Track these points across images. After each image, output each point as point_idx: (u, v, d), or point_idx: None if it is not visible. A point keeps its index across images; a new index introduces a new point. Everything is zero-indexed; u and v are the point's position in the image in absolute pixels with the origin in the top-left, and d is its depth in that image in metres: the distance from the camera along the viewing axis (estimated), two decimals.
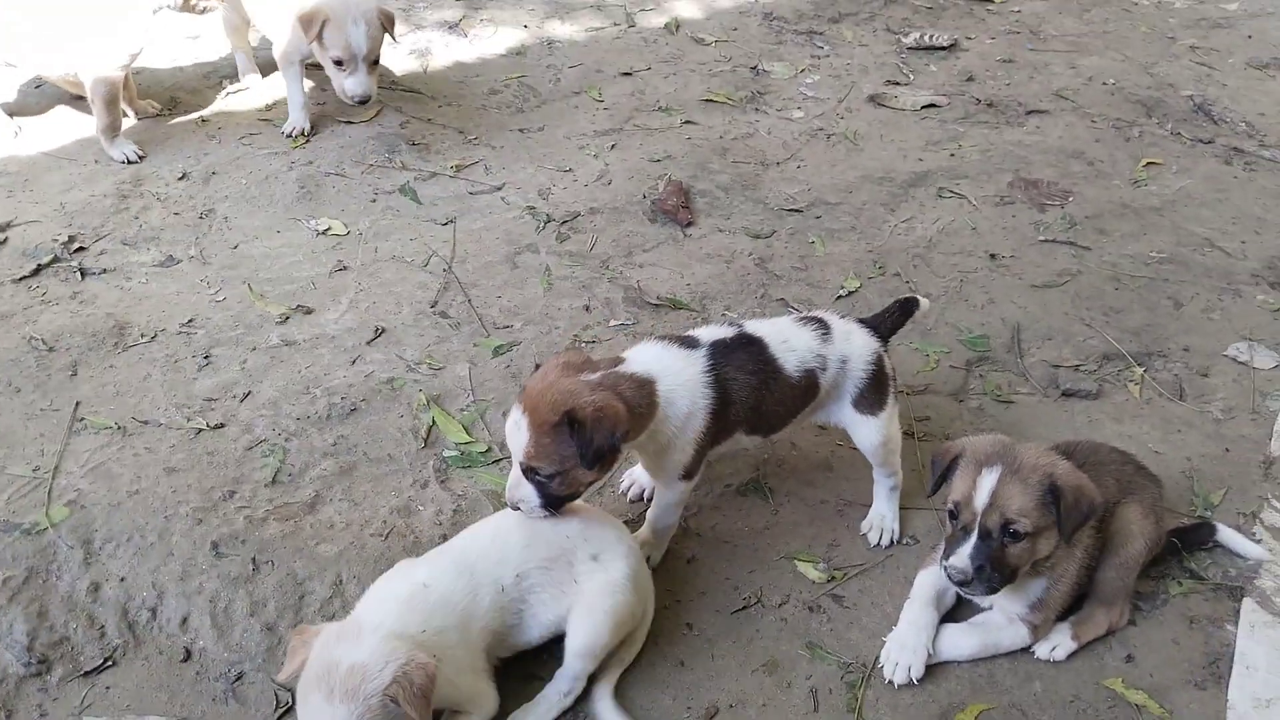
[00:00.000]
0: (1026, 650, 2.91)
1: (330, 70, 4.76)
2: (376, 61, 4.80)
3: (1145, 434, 3.71)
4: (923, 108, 5.93)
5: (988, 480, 2.66)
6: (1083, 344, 4.14)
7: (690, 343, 2.89)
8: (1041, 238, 4.80)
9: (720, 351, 2.87)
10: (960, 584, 2.72)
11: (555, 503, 2.70)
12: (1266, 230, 4.99)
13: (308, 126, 5.05)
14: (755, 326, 3.02)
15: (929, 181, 5.19)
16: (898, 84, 6.19)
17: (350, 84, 4.71)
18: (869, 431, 3.10)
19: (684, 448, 2.82)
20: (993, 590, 2.75)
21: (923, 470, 3.52)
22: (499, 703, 2.63)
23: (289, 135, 5.01)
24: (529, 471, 2.65)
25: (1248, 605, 3.08)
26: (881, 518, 3.29)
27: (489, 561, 2.65)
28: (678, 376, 2.77)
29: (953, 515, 2.76)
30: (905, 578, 3.08)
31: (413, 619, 2.44)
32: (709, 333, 2.96)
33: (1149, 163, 5.55)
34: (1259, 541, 3.29)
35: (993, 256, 4.64)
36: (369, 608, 2.51)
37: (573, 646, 2.67)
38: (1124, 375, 4.00)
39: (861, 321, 3.14)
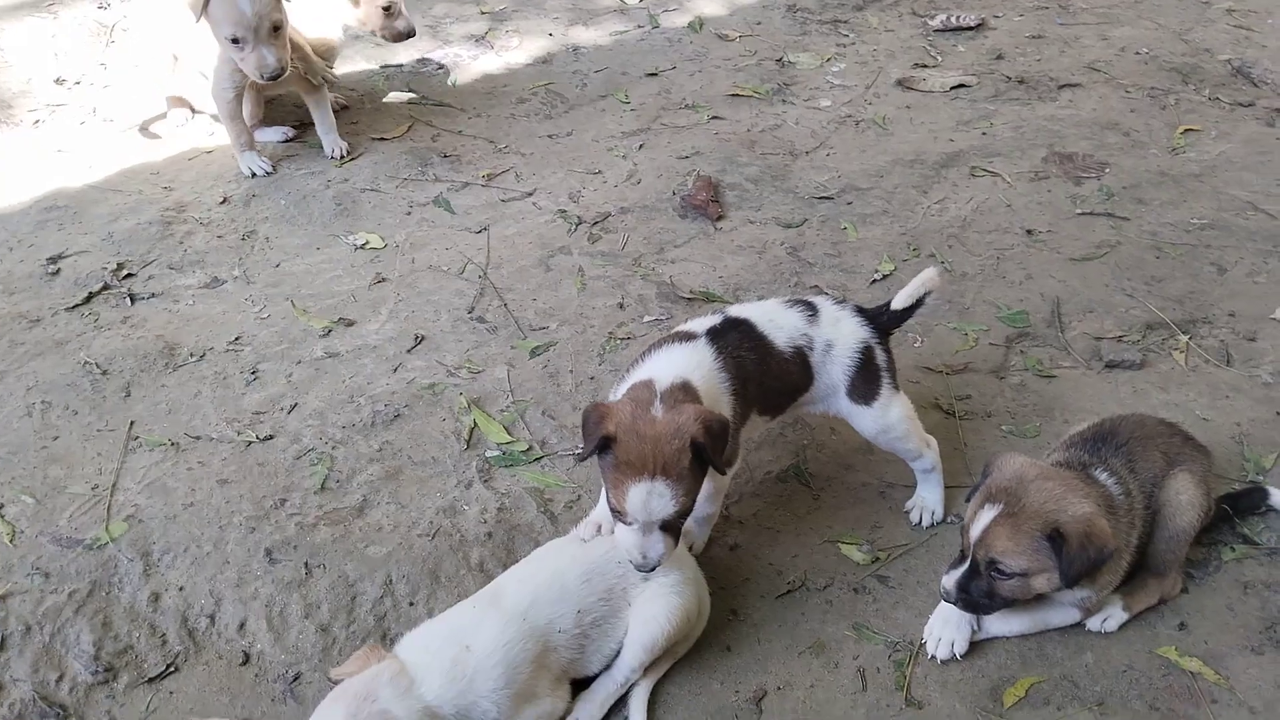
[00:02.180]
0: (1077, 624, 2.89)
1: (231, 54, 4.43)
2: (279, 28, 4.37)
3: (1192, 401, 3.66)
4: (952, 89, 5.89)
5: (984, 518, 2.64)
6: (1125, 315, 4.09)
7: (687, 336, 2.90)
8: (1078, 211, 4.75)
9: (717, 336, 2.89)
10: (948, 601, 2.73)
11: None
12: None
13: (266, 168, 4.95)
14: (740, 309, 3.02)
15: (961, 161, 5.16)
16: (925, 67, 6.15)
17: (252, 61, 4.36)
18: (866, 421, 3.08)
19: None
20: (985, 612, 2.76)
21: (965, 449, 3.50)
22: (562, 705, 2.67)
23: (251, 176, 4.93)
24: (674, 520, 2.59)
25: None
26: (923, 500, 3.27)
27: (545, 605, 2.65)
28: (698, 370, 2.78)
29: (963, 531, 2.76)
30: (951, 556, 3.05)
31: (450, 691, 2.48)
32: (696, 324, 2.97)
33: (1186, 129, 5.45)
34: None
35: (1029, 232, 4.60)
36: (417, 661, 2.52)
37: (631, 640, 2.71)
38: (1168, 344, 3.94)
39: (860, 310, 3.08)
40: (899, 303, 3.06)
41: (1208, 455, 3.12)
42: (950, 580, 2.69)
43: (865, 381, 3.04)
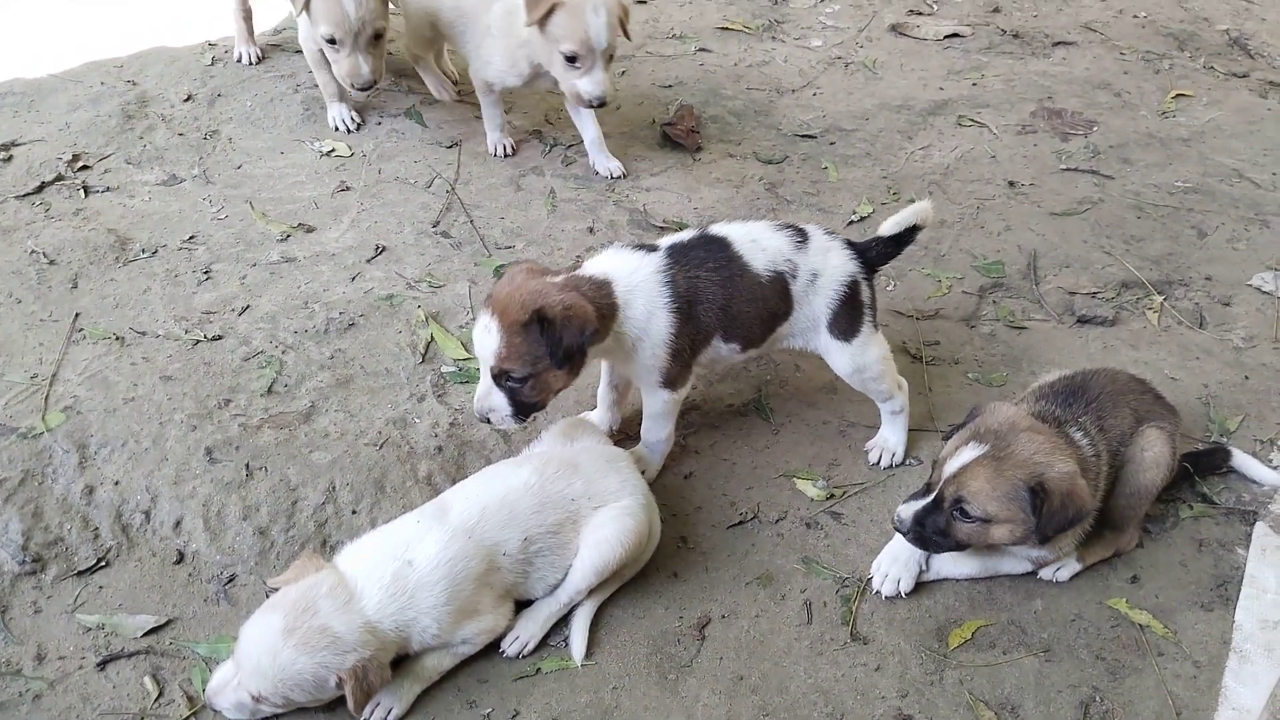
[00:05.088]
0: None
1: (556, 68, 3.87)
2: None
3: (1162, 360, 3.62)
4: (945, 37, 5.77)
5: (964, 455, 2.57)
6: (1101, 271, 4.03)
7: (649, 248, 2.84)
8: (1063, 166, 4.67)
9: (677, 252, 2.82)
10: (899, 531, 2.67)
11: (525, 410, 2.70)
12: None
13: (509, 145, 4.43)
14: (722, 227, 2.94)
15: (949, 110, 5.06)
16: (920, 14, 6.02)
17: (586, 84, 3.84)
18: (842, 359, 3.01)
19: (655, 351, 2.77)
20: (934, 550, 2.71)
21: (930, 394, 3.45)
22: (504, 621, 2.62)
23: (494, 154, 4.40)
24: (500, 377, 2.64)
25: (1260, 529, 3.00)
26: (885, 440, 3.22)
27: (493, 526, 2.59)
28: (632, 276, 2.74)
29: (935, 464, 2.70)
30: (906, 496, 3.01)
31: (391, 605, 2.42)
32: (672, 237, 2.91)
33: (1178, 94, 5.38)
34: (1276, 468, 3.20)
35: (1011, 184, 4.52)
36: (357, 574, 2.46)
37: (580, 561, 2.66)
38: (1143, 303, 3.89)
39: (850, 244, 3.00)
40: (887, 229, 2.96)
41: (1176, 415, 3.07)
42: (908, 510, 2.63)
43: (848, 317, 2.96)
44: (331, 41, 3.80)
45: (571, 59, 3.78)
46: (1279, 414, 3.41)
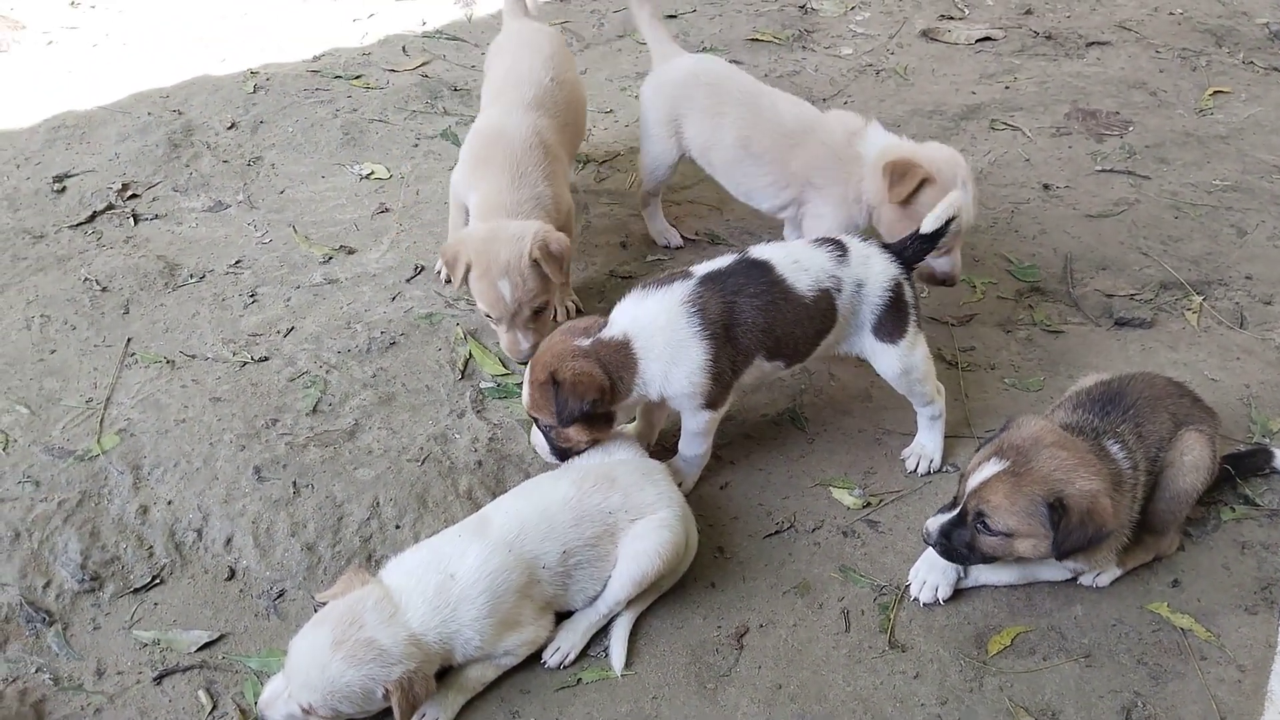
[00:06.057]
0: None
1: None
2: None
3: (1202, 362, 3.59)
4: (977, 41, 5.77)
5: (986, 470, 2.58)
6: (1139, 273, 4.01)
7: (682, 275, 2.90)
8: (1098, 168, 4.65)
9: (712, 279, 2.87)
10: (927, 543, 2.69)
11: (560, 454, 2.92)
12: None
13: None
14: (763, 249, 2.98)
15: (981, 114, 5.05)
16: (951, 18, 6.02)
17: (942, 263, 3.43)
18: (890, 360, 3.03)
19: (691, 378, 2.82)
20: (962, 563, 2.72)
21: (966, 400, 3.45)
22: (545, 633, 2.67)
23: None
24: (535, 421, 2.88)
25: None
26: (922, 447, 3.23)
27: (532, 539, 2.64)
28: (653, 323, 2.81)
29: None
30: (943, 504, 3.02)
31: (435, 618, 2.49)
32: (707, 265, 2.95)
33: (1216, 91, 5.32)
34: None
35: (1046, 187, 4.50)
36: (402, 587, 2.52)
37: (619, 574, 2.70)
38: (1181, 304, 3.86)
39: (885, 247, 3.03)
40: (928, 225, 2.98)
41: (1215, 418, 3.04)
42: (935, 523, 2.65)
43: (894, 320, 3.00)
44: (489, 317, 3.39)
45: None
46: None
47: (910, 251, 3.03)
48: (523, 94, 3.67)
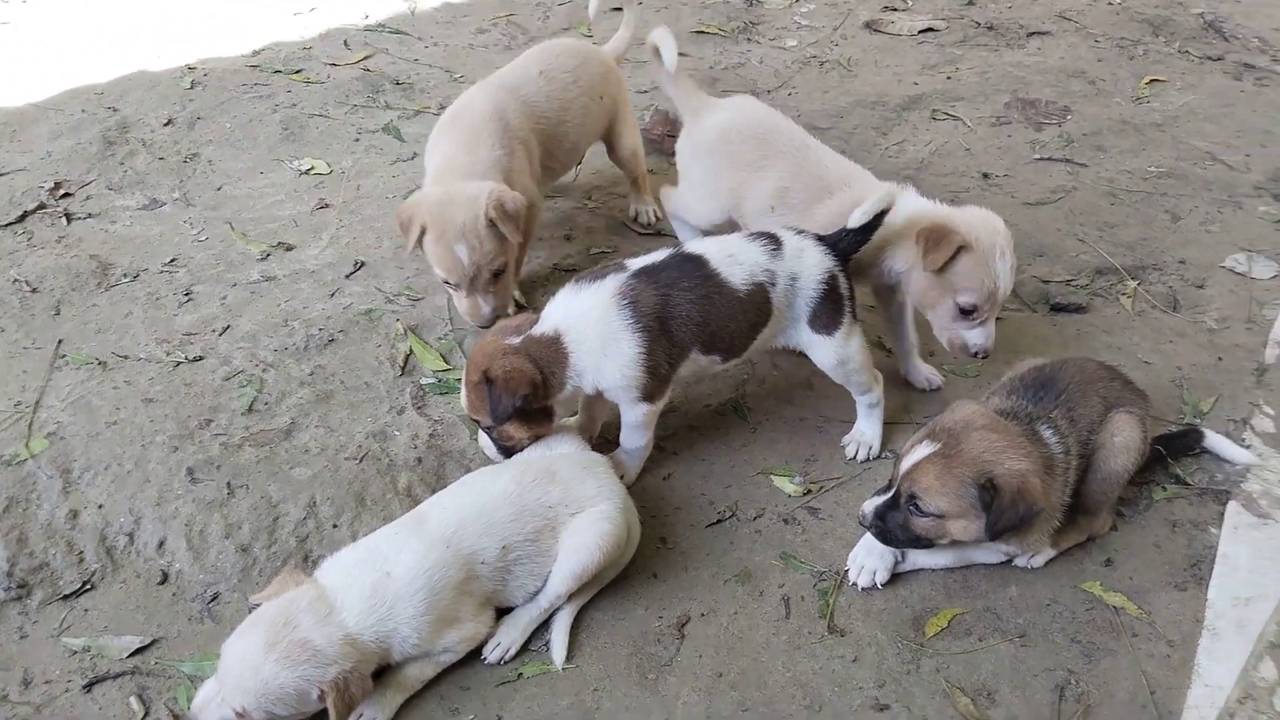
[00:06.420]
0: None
1: (940, 312, 3.20)
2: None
3: (1135, 345, 3.64)
4: (920, 32, 5.81)
5: (918, 453, 2.61)
6: (1075, 259, 4.06)
7: (616, 268, 2.90)
8: (1037, 156, 4.71)
9: (646, 272, 2.87)
10: (863, 525, 2.71)
11: (505, 451, 2.93)
12: (1272, 143, 4.85)
13: None
14: (697, 244, 2.98)
15: (923, 105, 5.09)
16: (894, 10, 6.07)
17: (977, 336, 3.18)
18: (826, 352, 3.05)
19: (624, 370, 2.82)
20: (898, 545, 2.74)
21: (905, 388, 3.48)
22: (484, 629, 2.65)
23: None
24: (476, 421, 2.90)
25: (1232, 508, 3.03)
26: (861, 434, 3.25)
27: (470, 535, 2.62)
28: (583, 318, 2.81)
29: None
30: (872, 492, 3.04)
31: (371, 617, 2.46)
32: (641, 259, 2.95)
33: (1152, 80, 5.41)
34: (1248, 447, 3.23)
35: (985, 176, 4.55)
36: (337, 587, 2.50)
37: (560, 567, 2.69)
38: (1116, 289, 3.92)
39: (819, 239, 3.04)
40: (855, 220, 2.98)
41: (1146, 400, 3.09)
42: (870, 506, 2.67)
43: (829, 312, 3.01)
44: (448, 283, 3.36)
45: (970, 311, 3.12)
46: (1251, 394, 3.43)
47: (844, 244, 3.04)
48: (502, 76, 3.68)
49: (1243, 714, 2.51)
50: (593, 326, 2.80)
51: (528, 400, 2.75)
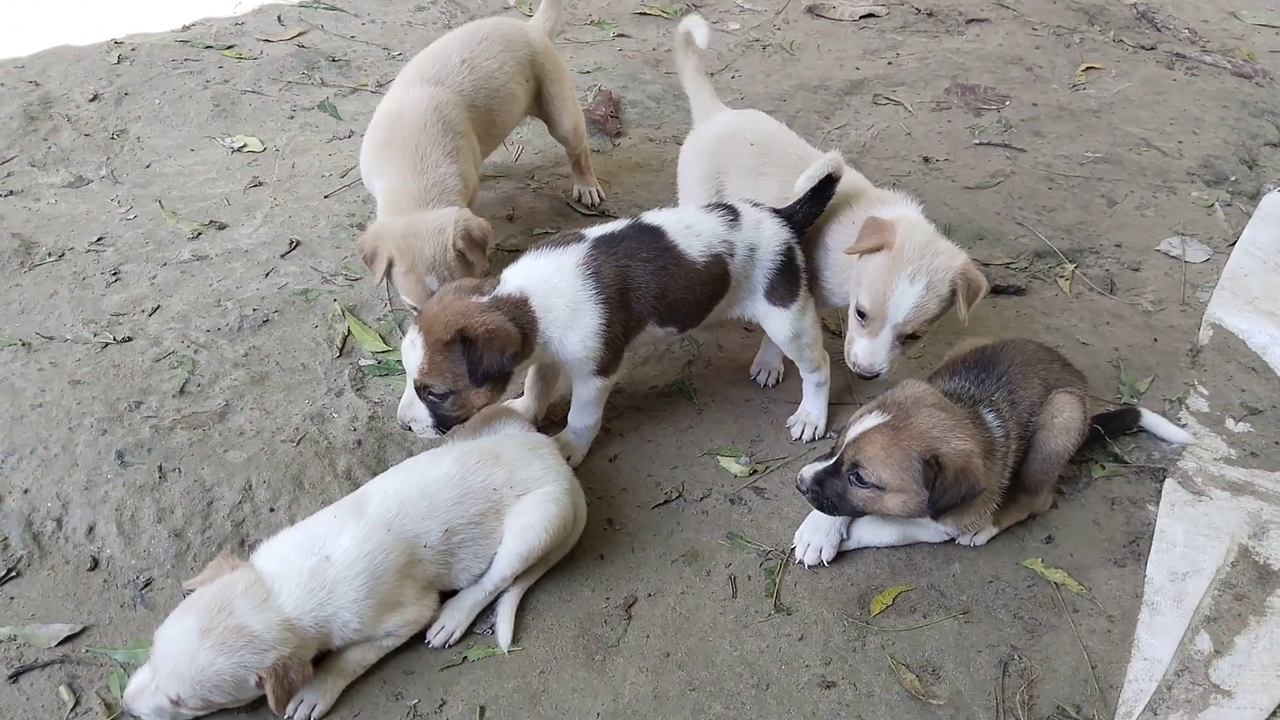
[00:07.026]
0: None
1: (853, 319, 3.04)
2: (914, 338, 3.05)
3: (1073, 326, 3.70)
4: (861, 18, 5.84)
5: (866, 422, 2.63)
6: (1014, 243, 4.11)
7: (574, 238, 2.84)
8: (976, 141, 4.76)
9: (605, 242, 2.82)
10: (800, 490, 2.72)
11: (446, 424, 2.75)
12: (1204, 130, 4.96)
13: None
14: (655, 215, 2.95)
15: (865, 89, 5.12)
16: None
17: (859, 348, 3.01)
18: (782, 324, 3.05)
19: (585, 342, 2.78)
20: (831, 513, 2.75)
21: (849, 370, 3.49)
22: (428, 612, 2.61)
23: None
24: (422, 390, 2.69)
25: (1169, 485, 3.09)
26: (807, 414, 3.26)
27: (412, 518, 2.56)
28: (549, 282, 2.75)
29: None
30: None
31: (309, 602, 2.40)
32: (602, 228, 2.90)
33: (1088, 68, 5.50)
34: (1184, 426, 3.30)
35: (926, 160, 4.59)
36: (274, 571, 2.43)
37: (505, 549, 2.65)
38: (1055, 272, 3.98)
39: (775, 211, 3.04)
40: (802, 185, 2.96)
41: (1084, 381, 3.14)
42: (810, 470, 2.67)
43: (785, 284, 3.00)
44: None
45: (860, 315, 2.97)
46: (1187, 374, 3.51)
47: (799, 215, 3.04)
48: (421, 69, 3.55)
49: (1180, 686, 2.57)
50: (559, 295, 2.74)
51: (514, 359, 2.66)
